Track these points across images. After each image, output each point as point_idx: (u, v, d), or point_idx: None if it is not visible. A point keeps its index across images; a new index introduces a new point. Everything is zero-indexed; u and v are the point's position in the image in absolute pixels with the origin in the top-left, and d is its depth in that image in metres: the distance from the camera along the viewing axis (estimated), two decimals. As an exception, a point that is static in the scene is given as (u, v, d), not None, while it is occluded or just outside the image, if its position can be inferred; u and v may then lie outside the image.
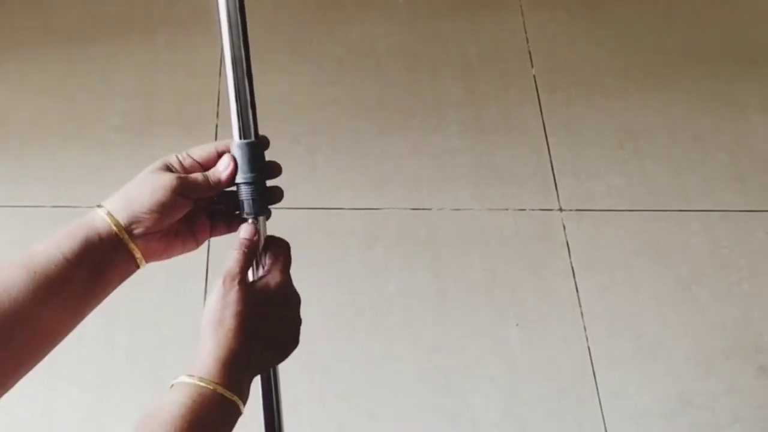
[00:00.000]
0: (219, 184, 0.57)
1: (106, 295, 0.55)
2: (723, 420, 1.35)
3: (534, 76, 1.76)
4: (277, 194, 0.61)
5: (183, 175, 0.56)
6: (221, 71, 1.74)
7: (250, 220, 0.59)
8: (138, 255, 0.55)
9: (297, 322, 0.59)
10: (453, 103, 1.72)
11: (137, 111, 1.68)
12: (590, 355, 1.40)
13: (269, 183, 0.61)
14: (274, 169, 0.60)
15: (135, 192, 0.55)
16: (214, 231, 0.62)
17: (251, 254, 0.58)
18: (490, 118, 1.70)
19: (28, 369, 0.51)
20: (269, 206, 0.61)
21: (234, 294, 0.54)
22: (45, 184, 1.58)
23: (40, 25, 1.81)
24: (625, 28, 1.85)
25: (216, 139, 1.64)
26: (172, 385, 0.52)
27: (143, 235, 0.55)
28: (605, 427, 1.33)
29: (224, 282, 0.55)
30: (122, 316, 1.42)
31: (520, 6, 1.87)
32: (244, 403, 0.53)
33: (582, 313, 1.45)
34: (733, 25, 1.86)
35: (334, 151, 1.65)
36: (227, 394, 0.51)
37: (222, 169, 0.57)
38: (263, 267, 0.59)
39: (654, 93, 1.74)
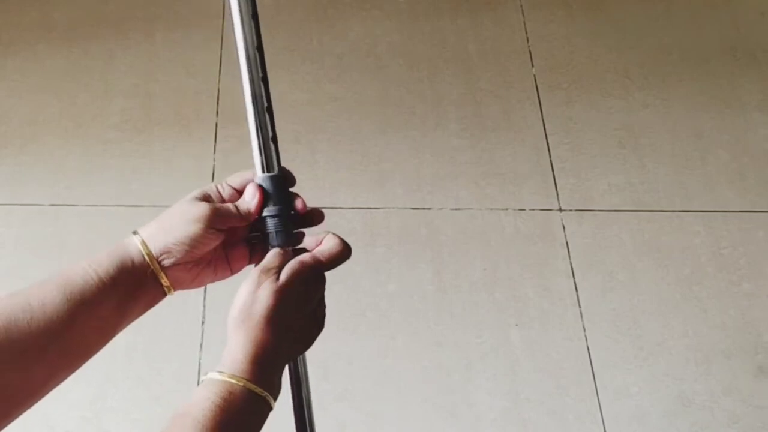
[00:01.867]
0: (249, 214, 0.58)
1: (133, 320, 0.57)
2: (723, 420, 1.35)
3: (534, 75, 1.76)
4: (299, 235, 0.62)
5: (216, 206, 0.57)
6: (221, 70, 1.74)
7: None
8: (166, 284, 0.57)
9: (322, 305, 0.61)
10: (453, 101, 1.72)
11: (137, 109, 1.68)
12: (590, 354, 1.40)
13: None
14: (315, 216, 0.62)
15: (169, 223, 0.56)
16: (253, 259, 0.63)
17: (286, 258, 0.59)
18: (490, 117, 1.70)
19: (57, 383, 0.52)
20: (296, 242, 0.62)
21: (266, 288, 0.55)
22: (44, 183, 1.57)
23: (39, 23, 1.81)
24: (625, 26, 1.85)
25: (216, 137, 1.63)
26: (202, 381, 0.52)
27: (173, 266, 0.56)
28: (605, 427, 1.33)
29: (259, 275, 0.56)
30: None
31: (521, 5, 1.87)
32: (275, 397, 0.53)
33: (582, 313, 1.45)
34: (733, 23, 1.86)
35: (335, 150, 1.64)
36: (257, 390, 0.51)
37: (249, 199, 0.59)
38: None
39: (654, 91, 1.74)
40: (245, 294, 0.55)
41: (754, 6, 1.90)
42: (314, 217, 0.62)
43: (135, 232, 0.56)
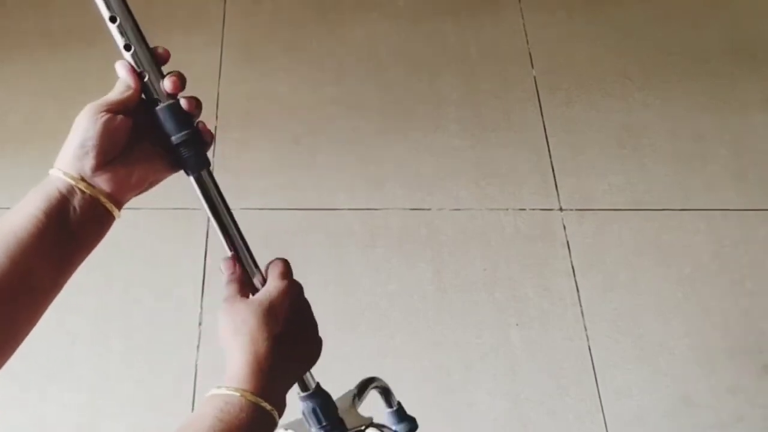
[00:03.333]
0: (131, 87, 0.55)
1: (91, 246, 0.54)
2: (726, 419, 1.33)
3: (534, 76, 1.76)
4: (206, 134, 0.57)
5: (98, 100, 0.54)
6: (220, 73, 1.74)
7: (227, 254, 0.59)
8: (102, 198, 0.53)
9: (313, 323, 0.60)
10: (453, 102, 1.72)
11: (136, 112, 1.68)
12: (591, 354, 1.39)
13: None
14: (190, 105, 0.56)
15: (69, 140, 0.53)
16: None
17: (238, 276, 0.58)
18: (490, 118, 1.69)
19: (31, 324, 0.51)
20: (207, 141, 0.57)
21: (239, 307, 0.54)
22: (44, 185, 1.57)
23: (38, 27, 1.82)
24: (625, 27, 1.84)
25: (215, 139, 1.63)
26: (204, 399, 0.51)
27: (97, 172, 0.53)
28: (606, 427, 1.32)
29: (225, 302, 0.56)
30: (117, 319, 1.42)
31: (520, 7, 1.87)
32: (279, 410, 0.52)
33: (583, 313, 1.44)
34: (733, 23, 1.85)
35: (335, 151, 1.64)
36: (254, 399, 0.50)
37: (123, 75, 0.55)
38: (261, 273, 0.59)
39: (654, 92, 1.73)
40: (222, 317, 0.55)
41: (754, 6, 1.89)
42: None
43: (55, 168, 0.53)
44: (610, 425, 1.32)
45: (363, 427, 0.77)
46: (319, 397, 0.65)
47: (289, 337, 0.55)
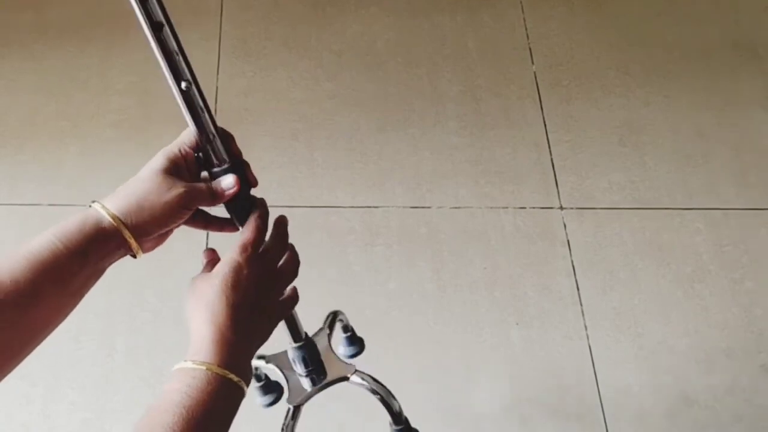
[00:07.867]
0: (221, 199, 0.59)
1: (100, 275, 0.57)
2: (725, 419, 1.34)
3: (534, 72, 1.75)
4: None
5: (191, 188, 0.56)
6: (218, 68, 1.73)
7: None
8: (138, 251, 0.56)
9: (273, 282, 0.60)
10: (453, 99, 1.71)
11: (134, 107, 1.67)
12: (591, 353, 1.39)
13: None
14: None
15: (143, 199, 0.55)
16: (210, 226, 0.64)
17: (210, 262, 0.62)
18: (490, 115, 1.68)
19: (35, 346, 0.52)
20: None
21: (198, 283, 0.57)
22: (42, 183, 1.57)
23: (36, 22, 1.80)
24: (626, 23, 1.83)
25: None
26: (171, 373, 0.52)
27: (146, 238, 0.56)
28: (606, 426, 1.33)
29: (189, 281, 0.59)
30: (121, 318, 1.41)
31: (520, 1, 1.86)
32: (245, 380, 0.53)
33: (583, 312, 1.44)
34: (735, 19, 1.84)
35: (333, 148, 1.63)
36: (220, 371, 0.51)
37: (225, 188, 0.59)
38: None
39: (655, 88, 1.72)
40: (192, 285, 0.57)
41: (756, 1, 1.88)
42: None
43: (103, 206, 0.55)
44: (610, 425, 1.33)
45: (348, 375, 0.85)
46: (309, 347, 0.77)
47: (247, 305, 0.56)
